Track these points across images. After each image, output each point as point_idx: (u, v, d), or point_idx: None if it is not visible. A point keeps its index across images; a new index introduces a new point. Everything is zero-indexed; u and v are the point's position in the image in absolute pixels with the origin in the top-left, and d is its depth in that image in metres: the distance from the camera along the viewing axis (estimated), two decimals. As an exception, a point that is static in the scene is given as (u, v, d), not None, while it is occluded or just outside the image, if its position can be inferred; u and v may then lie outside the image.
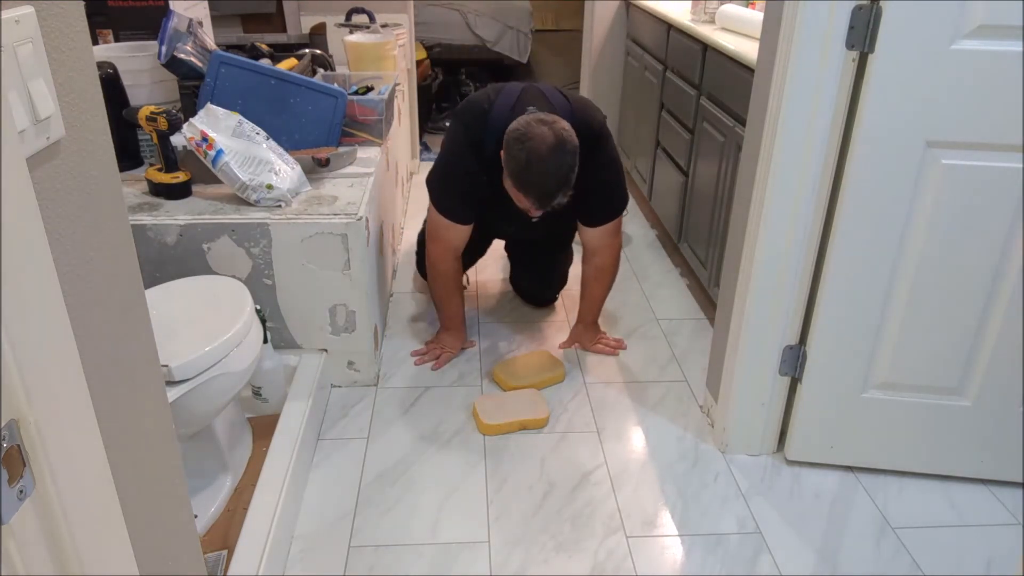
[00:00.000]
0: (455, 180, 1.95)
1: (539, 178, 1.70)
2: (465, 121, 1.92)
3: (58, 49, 0.64)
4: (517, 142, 1.70)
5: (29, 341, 0.55)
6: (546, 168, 1.68)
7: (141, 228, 1.74)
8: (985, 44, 1.32)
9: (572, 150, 1.71)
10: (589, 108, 1.97)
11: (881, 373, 1.63)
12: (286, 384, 1.88)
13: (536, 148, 1.67)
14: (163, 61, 2.05)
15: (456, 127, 1.94)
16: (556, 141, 1.68)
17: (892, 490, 1.71)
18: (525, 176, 1.71)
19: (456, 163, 1.93)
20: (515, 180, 1.74)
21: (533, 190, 1.72)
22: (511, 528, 1.59)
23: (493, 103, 1.88)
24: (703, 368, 2.12)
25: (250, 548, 1.39)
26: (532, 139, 1.68)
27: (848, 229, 1.50)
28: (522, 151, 1.68)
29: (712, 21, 2.51)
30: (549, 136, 1.68)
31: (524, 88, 1.92)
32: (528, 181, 1.71)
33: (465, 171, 1.91)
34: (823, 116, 1.45)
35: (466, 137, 1.89)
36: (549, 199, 1.73)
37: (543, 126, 1.69)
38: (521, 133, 1.70)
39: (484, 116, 1.86)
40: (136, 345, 0.79)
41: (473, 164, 1.88)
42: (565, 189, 1.73)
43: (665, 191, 2.79)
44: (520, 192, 1.75)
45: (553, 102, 1.88)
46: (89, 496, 0.63)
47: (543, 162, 1.67)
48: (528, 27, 5.55)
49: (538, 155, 1.67)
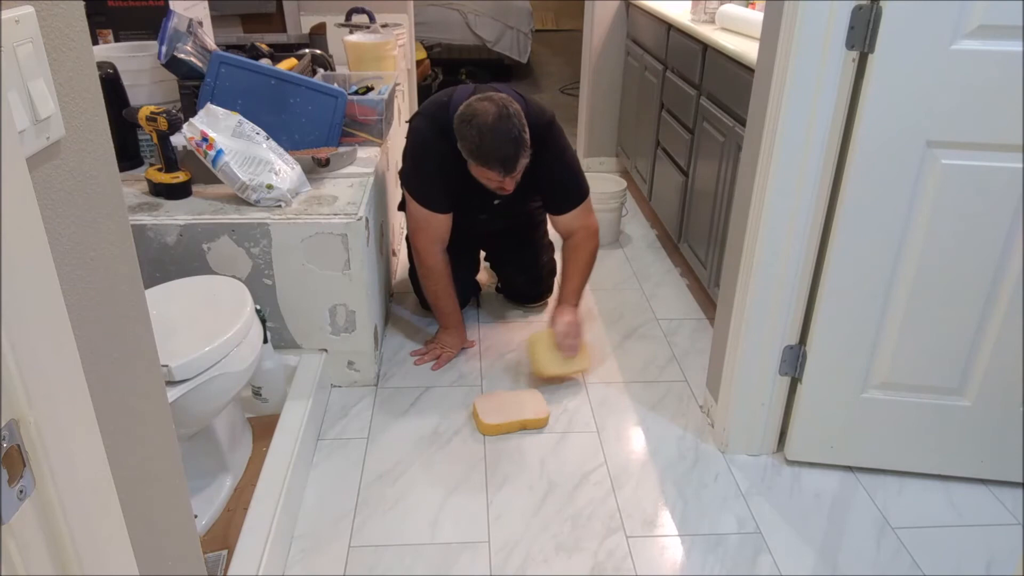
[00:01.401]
0: (428, 167, 1.99)
1: (495, 146, 1.80)
2: (428, 112, 2.00)
3: (58, 49, 0.64)
4: (465, 123, 1.81)
5: (29, 341, 0.55)
6: (497, 136, 1.79)
7: (141, 228, 1.74)
8: (985, 44, 1.32)
9: (516, 112, 1.81)
10: (541, 108, 2.05)
11: (881, 373, 1.63)
12: (286, 384, 1.88)
13: (484, 121, 1.78)
14: (163, 61, 2.05)
15: (420, 121, 2.02)
16: (499, 109, 1.79)
17: (892, 490, 1.71)
18: (482, 149, 1.81)
19: (427, 151, 1.98)
20: (475, 157, 1.83)
21: (494, 159, 1.81)
22: (511, 528, 1.59)
23: (451, 96, 1.96)
24: (703, 368, 2.12)
25: (250, 548, 1.39)
26: (477, 114, 1.79)
27: (848, 229, 1.50)
28: (472, 128, 1.80)
29: (712, 21, 2.51)
30: (491, 107, 1.80)
31: (478, 86, 2.01)
32: (486, 153, 1.81)
33: (437, 156, 1.96)
34: (823, 116, 1.45)
35: (432, 125, 1.96)
36: (512, 162, 1.83)
37: (483, 102, 1.81)
38: (467, 115, 1.81)
39: (446, 106, 1.94)
40: (136, 345, 0.79)
41: (444, 147, 1.93)
42: (523, 150, 1.83)
43: (665, 191, 2.79)
44: (483, 167, 1.84)
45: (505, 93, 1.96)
46: (89, 496, 0.63)
47: (493, 131, 1.78)
48: (528, 27, 5.55)
49: (487, 126, 1.78)
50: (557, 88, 5.63)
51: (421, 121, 2.01)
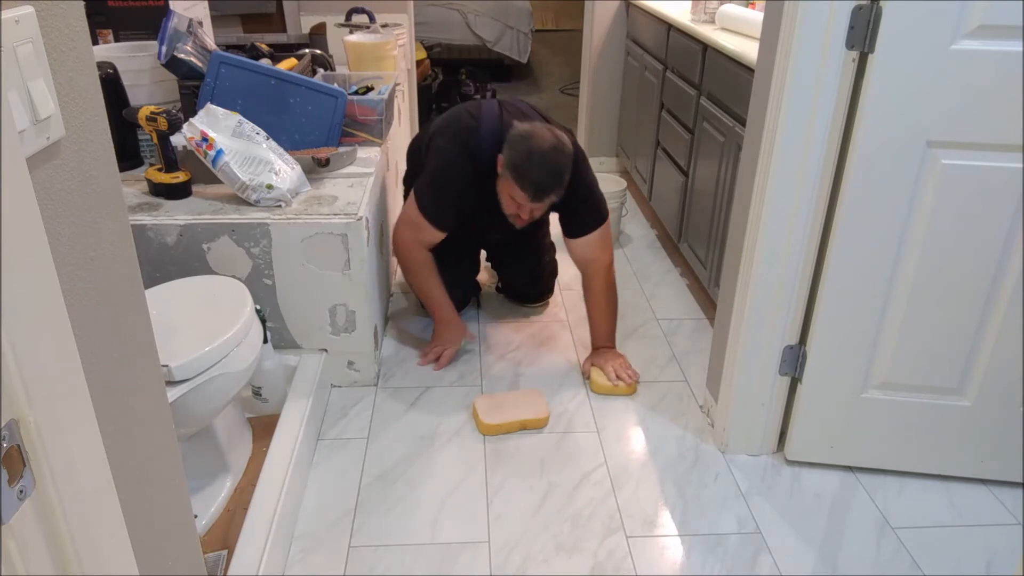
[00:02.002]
0: (448, 188, 1.98)
1: (538, 171, 1.81)
2: (456, 133, 1.98)
3: (58, 49, 0.64)
4: (521, 138, 1.83)
5: (29, 341, 0.55)
6: (546, 162, 1.82)
7: (141, 228, 1.74)
8: (985, 44, 1.32)
9: (569, 153, 1.86)
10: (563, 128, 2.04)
11: (881, 373, 1.63)
12: (286, 384, 1.88)
13: (539, 144, 1.82)
14: (163, 61, 2.05)
15: (447, 141, 1.99)
16: (557, 142, 1.84)
17: (892, 490, 1.71)
18: (525, 166, 1.81)
19: (452, 172, 1.97)
20: (514, 171, 1.83)
21: (530, 181, 1.82)
22: (511, 528, 1.59)
23: (479, 118, 1.97)
24: (703, 368, 2.12)
25: (250, 548, 1.39)
26: (535, 137, 1.83)
27: (848, 229, 1.50)
28: (525, 145, 1.82)
29: (712, 21, 2.51)
30: (551, 137, 1.84)
31: (502, 103, 2.03)
32: (527, 172, 1.82)
33: (461, 179, 1.95)
34: (823, 116, 1.45)
35: (460, 147, 1.95)
36: (543, 192, 1.84)
37: (544, 130, 1.85)
38: (526, 131, 1.85)
39: (475, 129, 1.95)
40: (136, 345, 0.79)
41: (469, 171, 1.94)
42: (558, 188, 1.86)
43: (665, 191, 2.79)
44: (516, 184, 1.84)
45: (531, 117, 2.01)
46: (89, 496, 0.63)
47: (544, 156, 1.81)
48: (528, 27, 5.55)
49: (540, 150, 1.81)
50: (557, 88, 5.63)
51: (448, 140, 1.99)
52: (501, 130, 1.92)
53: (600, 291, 2.10)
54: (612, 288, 2.11)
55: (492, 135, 1.93)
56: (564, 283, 2.60)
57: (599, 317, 2.12)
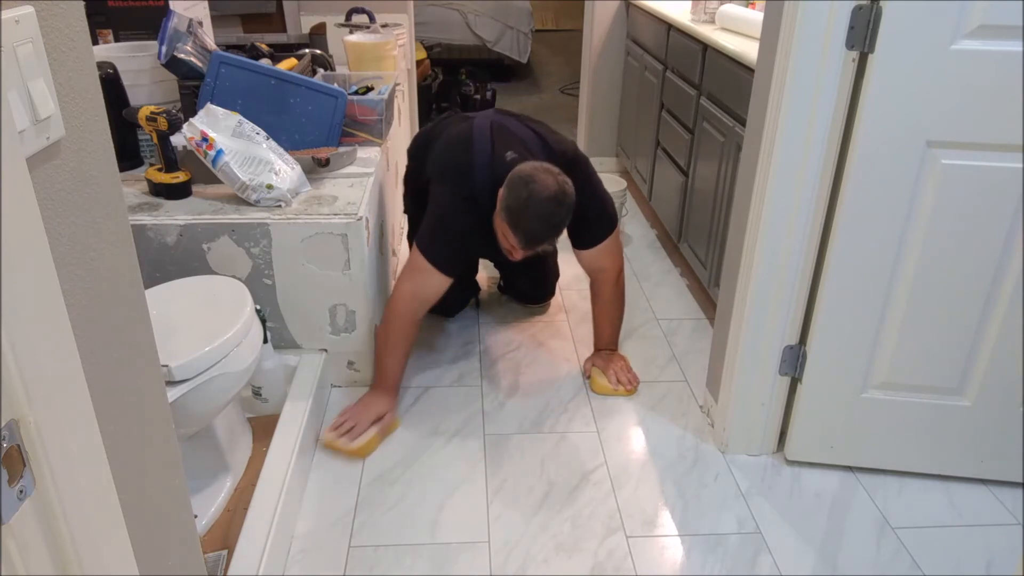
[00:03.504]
0: (452, 236, 1.88)
1: (532, 220, 1.73)
2: (452, 181, 1.90)
3: (58, 49, 0.64)
4: (522, 182, 1.73)
5: (29, 341, 0.55)
6: (543, 212, 1.72)
7: (141, 228, 1.74)
8: (985, 44, 1.32)
9: (569, 204, 1.75)
10: (561, 139, 2.00)
11: (881, 373, 1.63)
12: (286, 384, 1.88)
13: (538, 192, 1.71)
14: (163, 61, 2.05)
15: (444, 189, 1.91)
16: (558, 191, 1.73)
17: (892, 490, 1.71)
18: (520, 213, 1.73)
19: (453, 222, 1.88)
20: (508, 216, 1.75)
21: (522, 229, 1.75)
22: (511, 528, 1.59)
23: (472, 154, 1.87)
24: (703, 368, 2.12)
25: (250, 548, 1.39)
26: (536, 183, 1.72)
27: (848, 229, 1.50)
28: (524, 191, 1.72)
29: (712, 21, 2.51)
30: (552, 185, 1.73)
31: (494, 125, 1.93)
32: (520, 219, 1.74)
33: (462, 229, 1.88)
34: (823, 116, 1.45)
35: (456, 194, 1.87)
36: (535, 242, 1.77)
37: (548, 175, 1.74)
38: (528, 176, 1.74)
39: (469, 172, 1.86)
40: (136, 345, 0.79)
41: (470, 220, 1.87)
42: (551, 238, 1.79)
43: (665, 191, 2.79)
44: (510, 229, 1.76)
45: (526, 140, 1.92)
46: (89, 496, 0.63)
47: (541, 206, 1.71)
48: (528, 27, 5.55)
49: (539, 198, 1.71)
50: (557, 88, 5.63)
51: (445, 189, 1.90)
52: (494, 165, 1.83)
53: (610, 299, 2.09)
54: (621, 295, 2.10)
55: (487, 171, 1.84)
56: (564, 283, 2.60)
57: (604, 322, 2.11)
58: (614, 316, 2.11)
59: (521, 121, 2.01)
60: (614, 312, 2.11)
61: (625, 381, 2.03)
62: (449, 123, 2.09)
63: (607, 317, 2.11)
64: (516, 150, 1.86)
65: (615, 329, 2.12)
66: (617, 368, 2.05)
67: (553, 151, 1.92)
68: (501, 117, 2.01)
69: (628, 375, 2.05)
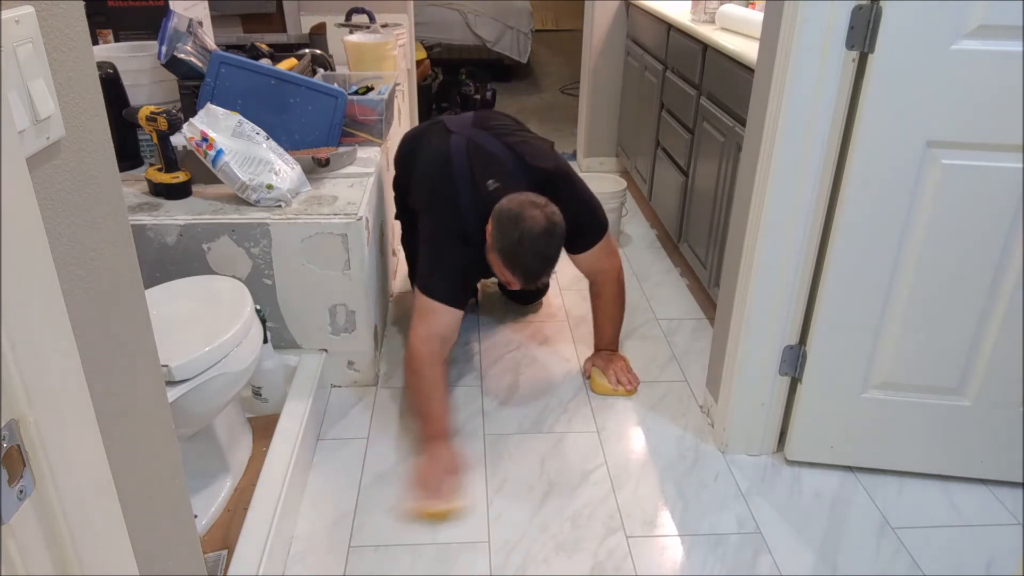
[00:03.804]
0: (450, 271, 1.85)
1: (529, 257, 1.73)
2: (440, 217, 1.88)
3: (58, 49, 0.64)
4: (511, 221, 1.72)
5: (29, 341, 0.55)
6: (537, 248, 1.73)
7: (141, 228, 1.74)
8: (985, 44, 1.32)
9: (560, 233, 1.75)
10: (539, 153, 1.97)
11: (881, 373, 1.63)
12: (286, 384, 1.88)
13: (530, 229, 1.71)
14: (163, 61, 2.05)
15: (434, 226, 1.89)
16: (548, 225, 1.72)
17: (892, 490, 1.71)
18: (516, 253, 1.73)
19: (448, 258, 1.86)
20: (504, 256, 1.75)
21: (521, 268, 1.75)
22: (511, 528, 1.59)
23: (454, 184, 1.86)
24: (703, 368, 2.12)
25: (250, 548, 1.39)
26: (526, 220, 1.71)
27: (848, 229, 1.50)
28: (515, 230, 1.71)
29: (712, 21, 2.51)
30: (542, 220, 1.72)
31: (470, 147, 1.91)
32: (518, 260, 1.74)
33: (459, 263, 1.86)
34: (823, 116, 1.45)
35: (448, 232, 1.86)
36: (535, 278, 1.78)
37: (535, 209, 1.73)
38: (516, 214, 1.73)
39: (456, 209, 1.85)
40: (136, 345, 0.79)
41: (465, 254, 1.85)
42: (550, 270, 1.80)
43: (665, 191, 2.79)
44: (508, 268, 1.77)
45: (503, 160, 1.90)
46: (89, 496, 0.63)
47: (535, 243, 1.72)
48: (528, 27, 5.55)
49: (531, 236, 1.71)
50: (557, 88, 5.63)
51: (433, 224, 1.89)
52: (478, 198, 1.82)
53: (610, 299, 2.09)
54: (622, 295, 2.10)
55: (472, 206, 1.82)
56: (564, 283, 2.60)
57: (605, 322, 2.11)
58: (615, 316, 2.11)
59: (497, 136, 1.97)
60: (615, 312, 2.11)
61: (625, 381, 2.04)
62: (430, 138, 2.04)
63: (608, 317, 2.11)
64: (496, 176, 1.84)
65: (616, 329, 2.12)
66: (617, 368, 2.05)
67: (530, 169, 1.89)
68: (477, 133, 1.97)
69: (628, 375, 2.05)
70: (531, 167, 1.91)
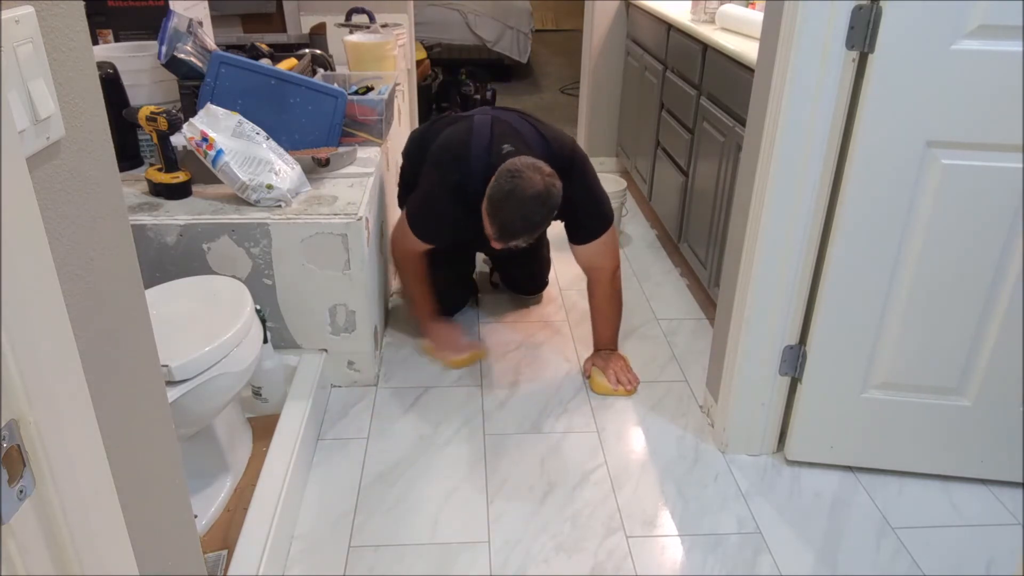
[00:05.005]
0: (435, 216, 1.97)
1: (513, 214, 1.75)
2: (444, 166, 1.93)
3: (58, 49, 0.64)
4: (508, 175, 1.75)
5: (29, 341, 0.55)
6: (524, 210, 1.74)
7: (141, 228, 1.74)
8: (985, 44, 1.32)
9: (552, 205, 1.77)
10: (560, 136, 2.01)
11: (881, 373, 1.63)
12: (286, 384, 1.88)
13: (522, 187, 1.73)
14: (163, 61, 2.04)
15: (434, 172, 1.95)
16: (543, 191, 1.74)
17: (892, 490, 1.71)
18: (500, 205, 1.76)
19: (436, 204, 1.94)
20: (490, 204, 1.78)
21: (500, 221, 1.77)
22: (511, 528, 1.59)
23: (469, 145, 1.90)
24: (703, 368, 2.12)
25: (250, 548, 1.39)
26: (522, 178, 1.73)
27: (848, 229, 1.50)
28: (509, 183, 1.74)
29: (712, 21, 2.51)
30: (539, 184, 1.74)
31: (494, 120, 1.96)
32: (499, 211, 1.76)
33: (444, 212, 1.93)
34: (823, 116, 1.45)
35: (445, 180, 1.91)
36: (509, 236, 1.79)
37: (537, 173, 1.75)
38: (516, 170, 1.75)
39: (464, 160, 1.89)
40: (136, 345, 0.79)
41: (454, 207, 1.90)
42: (527, 235, 1.80)
43: (665, 191, 2.79)
44: (489, 217, 1.79)
45: (525, 135, 1.94)
46: (89, 496, 0.63)
47: (523, 203, 1.73)
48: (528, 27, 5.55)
49: (521, 193, 1.73)
50: (557, 88, 5.63)
51: (437, 177, 1.95)
52: (490, 155, 1.86)
53: (604, 297, 2.09)
54: (617, 294, 2.10)
55: (482, 161, 1.86)
56: (564, 283, 2.60)
57: (602, 321, 2.11)
58: (611, 315, 2.11)
59: (522, 116, 2.03)
60: (611, 311, 2.11)
61: (625, 381, 2.03)
62: (447, 121, 2.10)
63: (604, 316, 2.11)
64: (514, 144, 1.87)
65: (613, 329, 2.12)
66: (617, 368, 2.05)
67: (551, 148, 1.93)
68: (502, 112, 2.05)
69: (628, 375, 2.05)
70: (551, 146, 1.94)
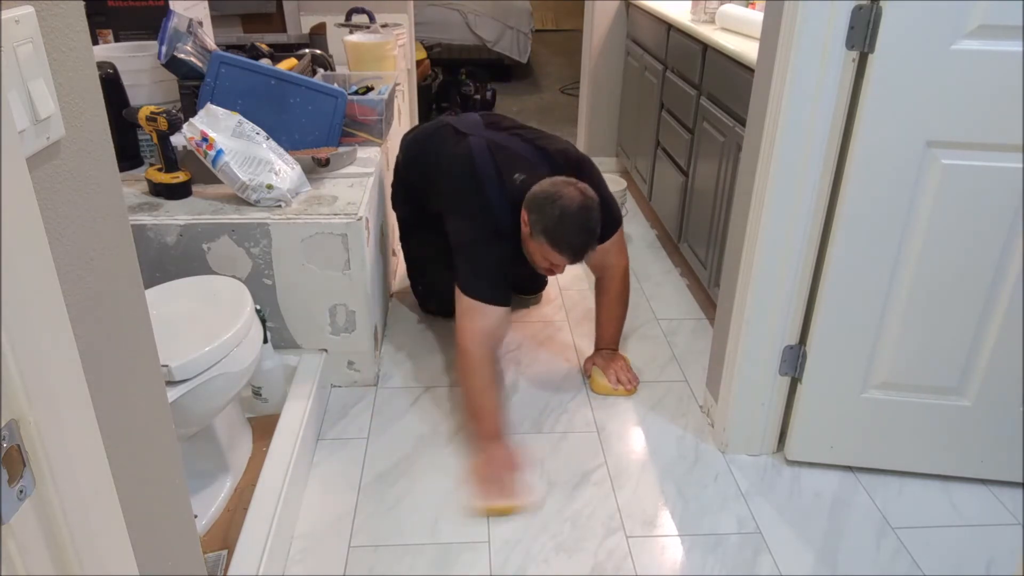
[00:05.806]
0: (488, 270, 1.85)
1: (573, 232, 1.75)
2: (471, 217, 1.88)
3: (58, 49, 0.64)
4: (548, 201, 1.75)
5: (29, 341, 0.55)
6: (579, 222, 1.75)
7: (141, 228, 1.74)
8: (985, 44, 1.32)
9: (596, 206, 1.78)
10: (556, 141, 2.02)
11: (881, 373, 1.63)
12: (286, 384, 1.88)
13: (568, 206, 1.74)
14: (163, 61, 2.05)
15: (465, 226, 1.89)
16: (584, 199, 1.76)
17: (892, 490, 1.71)
18: (560, 232, 1.75)
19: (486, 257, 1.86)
20: (548, 236, 1.76)
21: (566, 244, 1.76)
22: (511, 528, 1.59)
23: (481, 184, 1.87)
24: (703, 368, 2.12)
25: (250, 548, 1.39)
26: (562, 198, 1.74)
27: (848, 229, 1.50)
28: (555, 209, 1.74)
29: (712, 21, 2.51)
30: (577, 195, 1.76)
31: (492, 146, 1.92)
32: (563, 237, 1.75)
33: (496, 259, 1.85)
34: (823, 116, 1.45)
35: (480, 231, 1.86)
36: (582, 252, 1.79)
37: (568, 187, 1.77)
38: (551, 194, 1.76)
39: (486, 207, 1.86)
40: (136, 345, 0.79)
41: (500, 250, 1.86)
42: (594, 242, 1.81)
43: (665, 191, 2.79)
44: (553, 248, 1.77)
45: (527, 156, 1.93)
46: (89, 496, 0.63)
47: (576, 217, 1.74)
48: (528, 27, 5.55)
49: (571, 211, 1.74)
50: (557, 88, 5.63)
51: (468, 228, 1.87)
52: (507, 193, 1.84)
53: (615, 296, 2.09)
54: (626, 293, 2.10)
55: (502, 201, 1.84)
56: (564, 283, 2.60)
57: (608, 321, 2.11)
58: (618, 314, 2.11)
59: (514, 135, 2.00)
60: (618, 310, 2.11)
61: (625, 381, 2.04)
62: (443, 141, 2.03)
63: (611, 315, 2.11)
64: (520, 169, 1.87)
65: (618, 328, 2.12)
66: (617, 368, 2.05)
67: (556, 161, 1.94)
68: (493, 134, 1.99)
69: (628, 375, 2.05)
70: (551, 155, 1.95)
